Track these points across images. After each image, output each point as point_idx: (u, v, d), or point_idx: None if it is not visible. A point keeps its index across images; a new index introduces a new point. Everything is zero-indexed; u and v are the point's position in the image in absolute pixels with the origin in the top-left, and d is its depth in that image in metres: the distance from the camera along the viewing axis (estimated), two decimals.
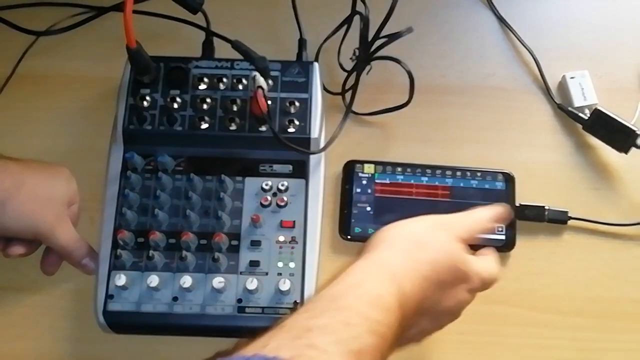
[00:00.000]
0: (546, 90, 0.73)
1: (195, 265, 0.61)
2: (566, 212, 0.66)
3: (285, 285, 0.60)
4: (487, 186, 0.67)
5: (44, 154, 0.67)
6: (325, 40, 0.72)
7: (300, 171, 0.64)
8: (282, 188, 0.63)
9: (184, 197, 0.63)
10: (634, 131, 0.67)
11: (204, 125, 0.64)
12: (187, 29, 0.71)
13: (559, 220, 0.66)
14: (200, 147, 0.64)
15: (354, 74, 0.69)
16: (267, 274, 0.61)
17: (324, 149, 0.65)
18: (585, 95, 0.71)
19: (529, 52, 0.74)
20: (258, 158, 0.65)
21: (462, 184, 0.67)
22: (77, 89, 0.72)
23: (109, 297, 0.60)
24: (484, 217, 0.57)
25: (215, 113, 0.65)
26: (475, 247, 0.55)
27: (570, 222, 0.66)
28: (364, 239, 0.62)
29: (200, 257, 0.61)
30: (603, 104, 0.70)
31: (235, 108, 0.64)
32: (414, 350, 0.62)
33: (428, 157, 0.68)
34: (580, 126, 0.71)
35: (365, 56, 0.67)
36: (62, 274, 0.64)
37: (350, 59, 0.69)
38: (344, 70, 0.71)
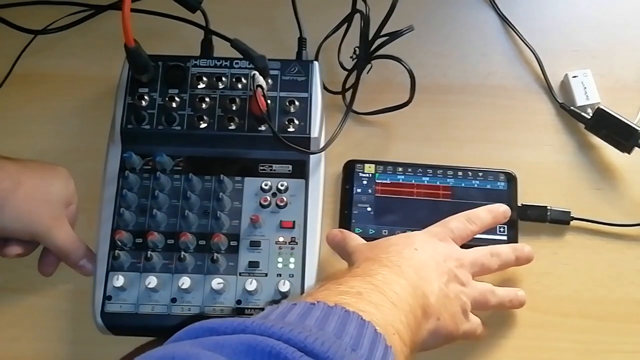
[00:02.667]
0: (548, 89, 0.73)
1: (194, 266, 0.60)
2: (569, 213, 0.66)
3: (284, 286, 0.59)
4: (488, 186, 0.66)
5: (41, 153, 0.67)
6: (325, 39, 0.72)
7: (300, 171, 0.64)
8: (282, 188, 0.63)
9: (183, 197, 0.62)
10: (636, 130, 0.67)
11: (203, 125, 0.63)
12: (186, 27, 0.70)
13: (561, 220, 0.66)
14: (199, 147, 0.64)
15: (354, 73, 0.68)
16: (266, 274, 0.60)
17: (324, 148, 0.65)
18: (587, 94, 0.71)
19: (531, 50, 0.74)
20: (257, 158, 0.64)
21: (463, 184, 0.66)
22: (75, 88, 0.72)
23: (106, 298, 0.59)
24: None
25: (214, 112, 0.64)
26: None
27: (572, 222, 0.66)
28: (364, 239, 0.61)
29: (199, 258, 0.61)
30: (606, 104, 0.69)
31: (234, 107, 0.64)
32: None
33: (429, 156, 0.68)
34: (582, 126, 0.70)
35: (365, 55, 0.67)
36: (59, 275, 0.63)
37: (351, 57, 0.69)
38: (344, 69, 0.70)
